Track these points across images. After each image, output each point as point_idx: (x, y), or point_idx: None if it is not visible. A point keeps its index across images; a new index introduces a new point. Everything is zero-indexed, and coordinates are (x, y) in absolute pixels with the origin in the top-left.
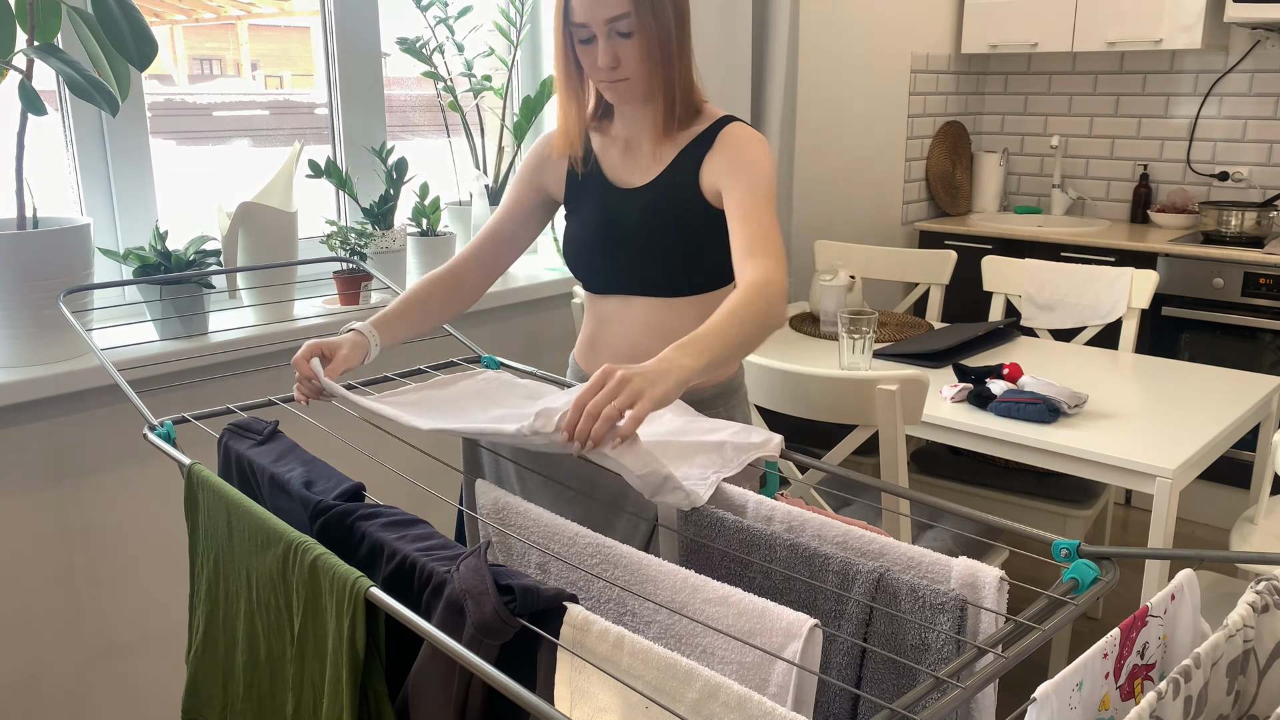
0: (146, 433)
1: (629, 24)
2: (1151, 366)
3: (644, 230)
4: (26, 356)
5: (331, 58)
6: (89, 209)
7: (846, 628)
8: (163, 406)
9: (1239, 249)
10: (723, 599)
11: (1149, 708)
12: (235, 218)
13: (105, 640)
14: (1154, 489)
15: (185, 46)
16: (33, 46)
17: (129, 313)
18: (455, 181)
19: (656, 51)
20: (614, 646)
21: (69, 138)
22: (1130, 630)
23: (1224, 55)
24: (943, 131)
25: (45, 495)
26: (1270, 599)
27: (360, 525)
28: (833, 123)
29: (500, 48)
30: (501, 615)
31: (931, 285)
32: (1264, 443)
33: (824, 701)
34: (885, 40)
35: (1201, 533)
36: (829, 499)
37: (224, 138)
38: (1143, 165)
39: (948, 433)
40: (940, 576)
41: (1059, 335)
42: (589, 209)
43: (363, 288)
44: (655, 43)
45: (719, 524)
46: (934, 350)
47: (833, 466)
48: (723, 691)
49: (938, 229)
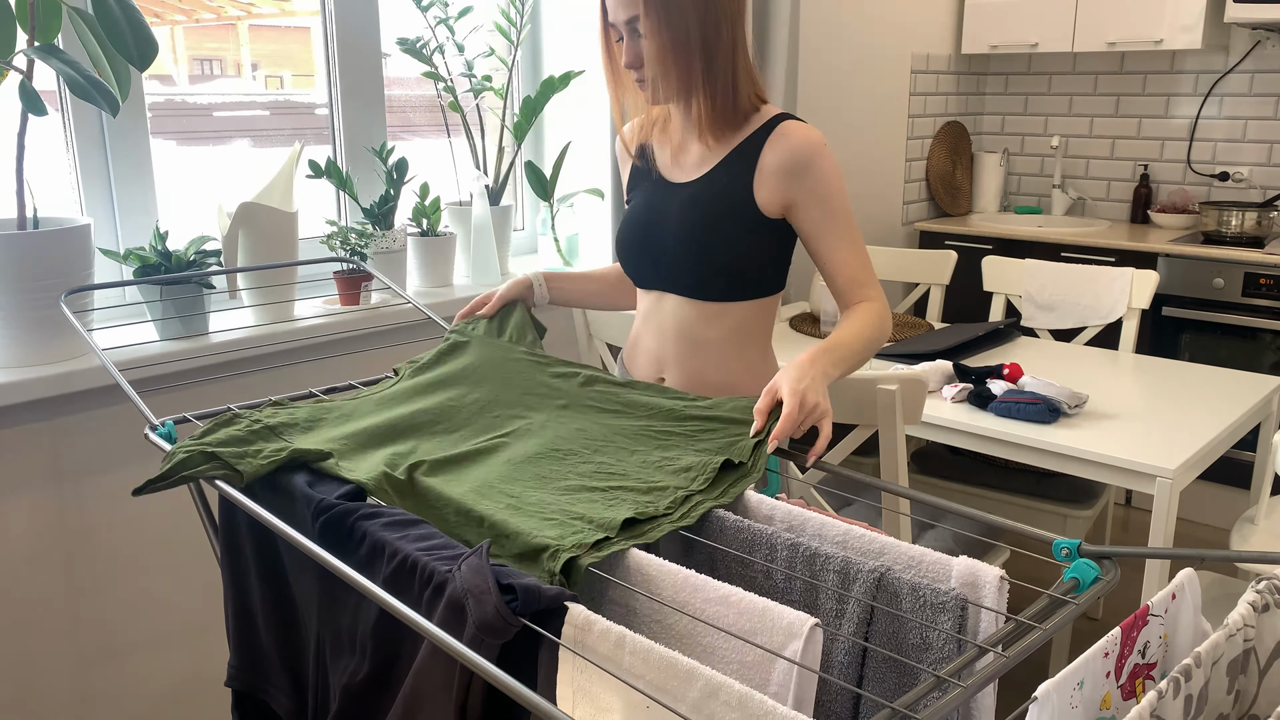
0: (147, 433)
1: (643, 26)
2: (1152, 366)
3: (683, 226)
4: (27, 356)
5: (332, 58)
6: (89, 209)
7: (847, 627)
8: (163, 406)
9: (1239, 249)
10: (723, 598)
11: (1150, 707)
12: (235, 218)
13: (105, 640)
14: (1154, 489)
15: (185, 47)
16: (33, 47)
17: (129, 313)
18: (455, 182)
19: (669, 54)
20: (615, 646)
21: (69, 138)
22: (1131, 629)
23: (1224, 55)
24: (943, 132)
25: (45, 495)
26: (1271, 598)
27: (361, 525)
28: (833, 123)
29: (500, 48)
30: (503, 614)
31: (932, 285)
32: (1264, 443)
33: (825, 701)
34: (885, 40)
35: (1202, 533)
36: (829, 499)
37: (224, 138)
38: (1143, 165)
39: (948, 433)
40: (941, 576)
41: (1059, 335)
42: (638, 201)
43: (363, 288)
44: (668, 45)
45: (719, 524)
46: (934, 350)
47: (833, 466)
48: (724, 691)
49: (938, 229)
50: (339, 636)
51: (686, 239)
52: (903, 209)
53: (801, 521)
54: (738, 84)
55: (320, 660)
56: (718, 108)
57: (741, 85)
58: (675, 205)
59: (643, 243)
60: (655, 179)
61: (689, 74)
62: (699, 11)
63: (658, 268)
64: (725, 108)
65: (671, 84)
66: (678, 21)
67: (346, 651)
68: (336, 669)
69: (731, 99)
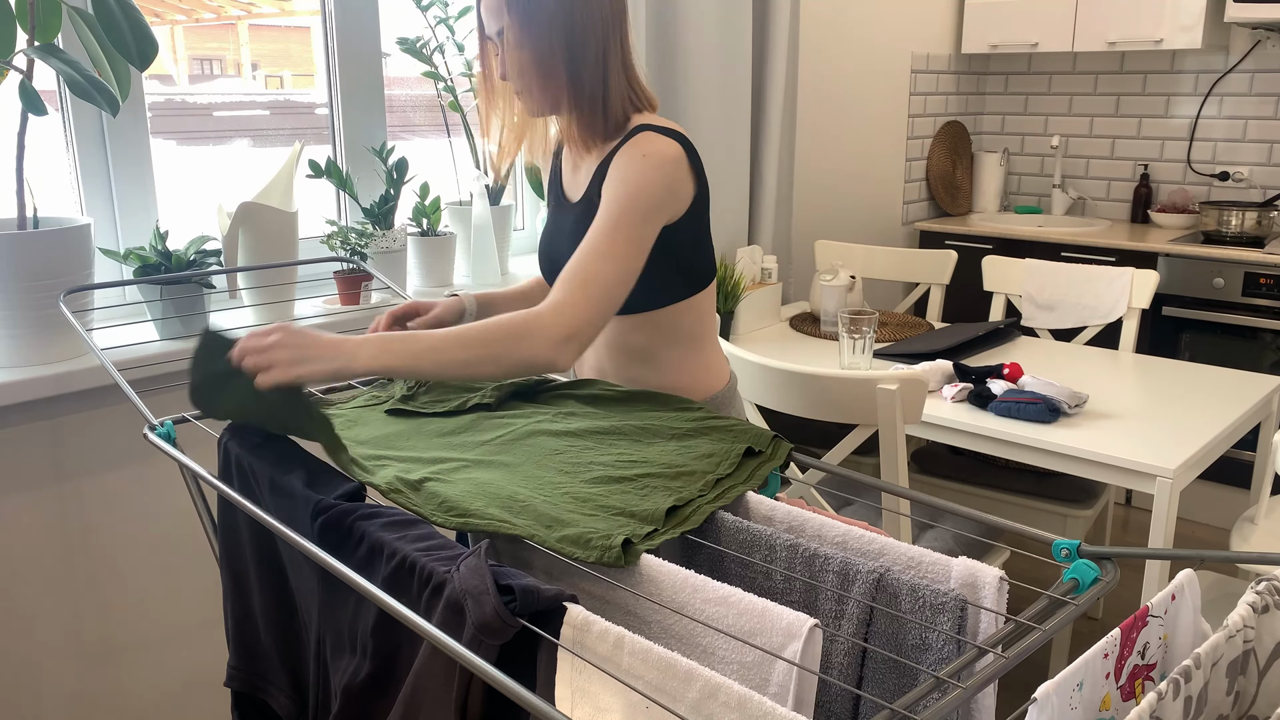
0: (147, 433)
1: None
2: (1152, 366)
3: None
4: (27, 356)
5: (332, 58)
6: (89, 209)
7: (847, 628)
8: (163, 406)
9: (1239, 249)
10: (723, 599)
11: (1149, 708)
12: (235, 218)
13: (105, 640)
14: (1154, 489)
15: (185, 46)
16: (33, 46)
17: (129, 313)
18: (456, 181)
19: (533, 66)
20: (614, 646)
21: (69, 138)
22: (1131, 630)
23: (1224, 55)
24: (943, 131)
25: (45, 495)
26: (1270, 599)
27: (360, 525)
28: (833, 123)
29: None
30: (502, 615)
31: (932, 285)
32: (1264, 443)
33: (824, 701)
34: (885, 40)
35: (1202, 533)
36: (829, 499)
37: (224, 138)
38: (1143, 165)
39: (948, 433)
40: (940, 576)
41: (1059, 335)
42: (547, 219)
43: (363, 288)
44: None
45: (719, 524)
46: (934, 350)
47: (833, 466)
48: (723, 691)
49: (938, 229)
50: (339, 636)
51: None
52: (903, 209)
53: (801, 522)
54: (608, 97)
55: (320, 660)
56: (583, 121)
57: (613, 98)
58: (568, 225)
59: (552, 261)
60: (558, 195)
61: (556, 87)
62: (563, 23)
63: None
64: (592, 121)
65: (540, 96)
66: (541, 33)
67: (346, 651)
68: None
69: (600, 112)
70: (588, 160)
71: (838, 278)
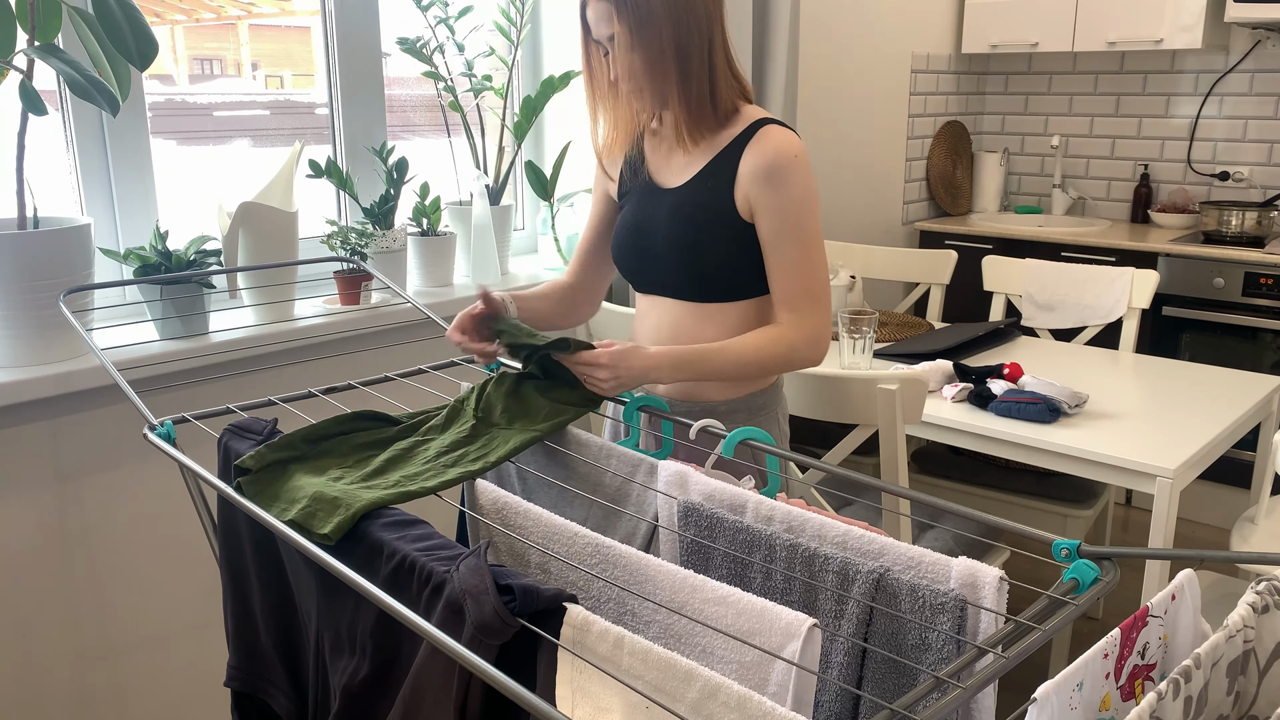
0: (146, 433)
1: (618, 41)
2: (1152, 366)
3: (670, 232)
4: (27, 356)
5: (332, 58)
6: (89, 209)
7: (846, 627)
8: (163, 406)
9: (1239, 249)
10: (722, 599)
11: (1149, 708)
12: (236, 218)
13: (105, 640)
14: (1154, 489)
15: (186, 46)
16: (33, 46)
17: (129, 313)
18: (456, 181)
19: (644, 67)
20: (614, 646)
21: (69, 138)
22: (1131, 630)
23: (1224, 55)
24: (943, 131)
25: (45, 495)
26: (1270, 599)
27: (360, 525)
28: (833, 123)
29: (501, 48)
30: (501, 615)
31: (932, 285)
32: (1264, 443)
33: (824, 701)
34: (885, 40)
35: (1202, 533)
36: (829, 499)
37: (224, 138)
38: (1143, 165)
39: (948, 433)
40: (940, 576)
41: (1059, 335)
42: (630, 207)
43: (363, 288)
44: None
45: (719, 524)
46: (934, 350)
47: (833, 466)
48: (722, 691)
49: (938, 229)
50: (339, 636)
51: (674, 245)
52: (903, 209)
53: (801, 522)
54: (715, 90)
55: (320, 660)
56: (693, 115)
57: (720, 90)
58: (663, 211)
59: (635, 248)
60: (645, 184)
61: (667, 85)
62: (672, 25)
63: (650, 272)
64: (702, 114)
65: (651, 95)
66: (651, 37)
67: (346, 651)
68: (336, 669)
69: (709, 104)
70: (697, 150)
71: (838, 277)
